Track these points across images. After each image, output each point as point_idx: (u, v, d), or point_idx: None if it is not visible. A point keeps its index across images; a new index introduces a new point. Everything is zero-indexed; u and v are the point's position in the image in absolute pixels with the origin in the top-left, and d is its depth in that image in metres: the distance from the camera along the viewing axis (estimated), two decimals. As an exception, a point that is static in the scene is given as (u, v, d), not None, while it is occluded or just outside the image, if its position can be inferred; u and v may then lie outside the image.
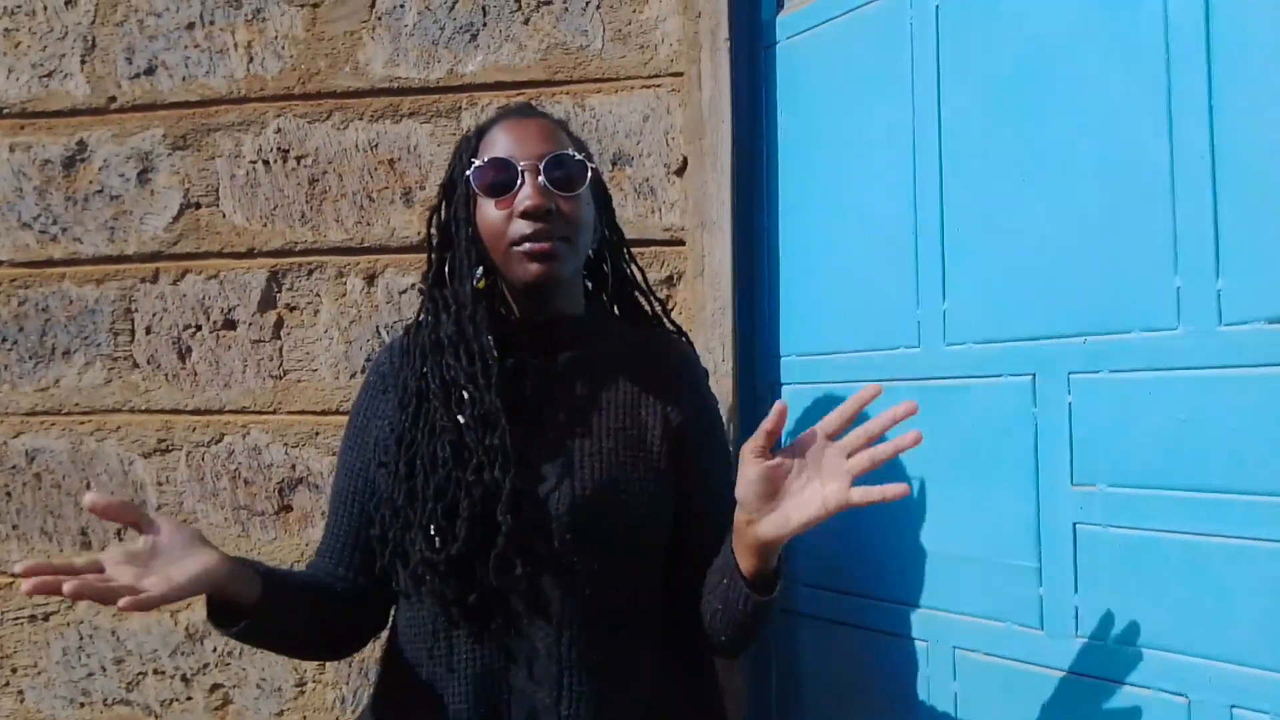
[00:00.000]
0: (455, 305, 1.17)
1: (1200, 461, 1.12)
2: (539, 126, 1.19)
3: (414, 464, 1.14)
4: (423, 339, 1.19)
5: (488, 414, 1.12)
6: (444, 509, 1.11)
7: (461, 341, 1.15)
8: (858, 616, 1.49)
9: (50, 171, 1.93)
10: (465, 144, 1.22)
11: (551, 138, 1.18)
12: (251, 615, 1.05)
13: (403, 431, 1.16)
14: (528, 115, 1.22)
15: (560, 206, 1.15)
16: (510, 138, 1.17)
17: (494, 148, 1.17)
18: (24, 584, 0.86)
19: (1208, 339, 1.12)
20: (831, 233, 1.56)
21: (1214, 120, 1.12)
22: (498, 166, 1.15)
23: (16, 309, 1.93)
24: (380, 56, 1.82)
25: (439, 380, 1.15)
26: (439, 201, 1.24)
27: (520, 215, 1.13)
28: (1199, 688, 1.11)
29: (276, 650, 1.25)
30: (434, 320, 1.19)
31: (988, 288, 1.34)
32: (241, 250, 1.86)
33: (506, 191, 1.15)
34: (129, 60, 1.90)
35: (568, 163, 1.16)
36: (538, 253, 1.13)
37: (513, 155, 1.15)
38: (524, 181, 1.14)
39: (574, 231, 1.17)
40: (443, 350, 1.16)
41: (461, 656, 1.14)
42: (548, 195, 1.14)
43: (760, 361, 1.67)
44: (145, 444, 1.88)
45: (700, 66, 1.67)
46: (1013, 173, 1.31)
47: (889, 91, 1.47)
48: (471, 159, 1.18)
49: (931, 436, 1.39)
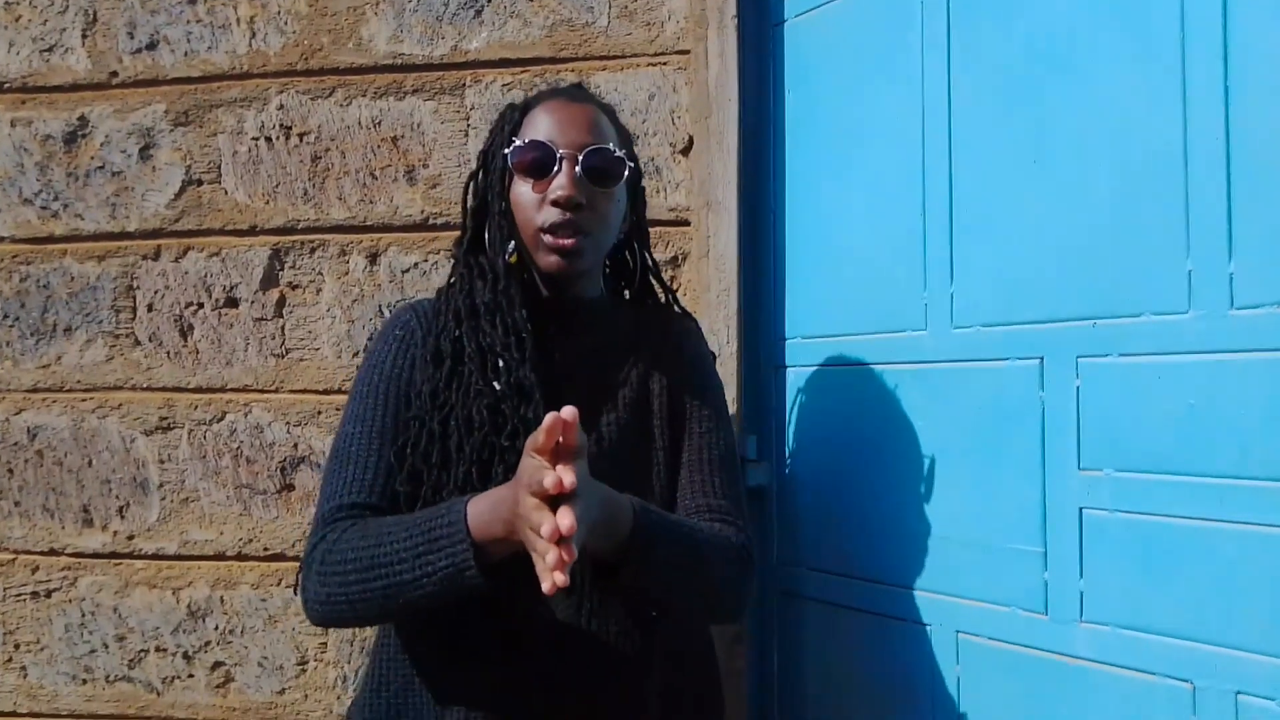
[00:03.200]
0: (493, 274, 1.18)
1: (1209, 447, 1.11)
2: (585, 113, 1.19)
3: (448, 424, 1.13)
4: (456, 303, 1.19)
5: (522, 385, 1.13)
6: (479, 470, 1.11)
7: (498, 310, 1.16)
8: (860, 600, 1.48)
9: (51, 147, 1.91)
10: (509, 116, 1.22)
11: (595, 128, 1.18)
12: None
13: (436, 388, 1.15)
14: (576, 99, 1.22)
15: (591, 200, 1.15)
16: (554, 121, 1.17)
17: (536, 128, 1.17)
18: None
19: (1219, 323, 1.10)
20: (838, 214, 1.54)
21: (1229, 102, 1.10)
22: (537, 149, 1.15)
23: (18, 285, 1.92)
24: (384, 32, 1.80)
25: (475, 345, 1.15)
26: (477, 168, 1.24)
27: (552, 202, 1.14)
28: (1204, 674, 1.10)
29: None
30: (469, 286, 1.19)
31: (996, 270, 1.33)
32: (244, 228, 1.85)
33: (543, 175, 1.15)
34: (130, 35, 1.88)
35: (607, 157, 1.16)
36: (560, 248, 1.15)
37: (554, 140, 1.15)
38: (561, 169, 1.15)
39: (600, 227, 1.18)
40: (478, 316, 1.16)
41: (474, 620, 1.12)
42: (581, 187, 1.14)
43: (765, 344, 1.66)
44: (147, 422, 1.87)
45: (707, 44, 1.65)
46: (1023, 153, 1.30)
47: (899, 71, 1.45)
48: (513, 136, 1.18)
49: (937, 421, 1.39)
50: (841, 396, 1.52)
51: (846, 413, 1.52)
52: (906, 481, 1.41)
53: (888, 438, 1.44)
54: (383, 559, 1.02)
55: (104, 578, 1.89)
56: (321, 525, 1.11)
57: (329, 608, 1.07)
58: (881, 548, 1.45)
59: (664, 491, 1.21)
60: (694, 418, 1.25)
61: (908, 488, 1.41)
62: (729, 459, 1.24)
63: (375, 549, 1.03)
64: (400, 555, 1.01)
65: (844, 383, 1.51)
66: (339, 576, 1.05)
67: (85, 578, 1.90)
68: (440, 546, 1.00)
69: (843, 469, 1.51)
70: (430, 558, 1.00)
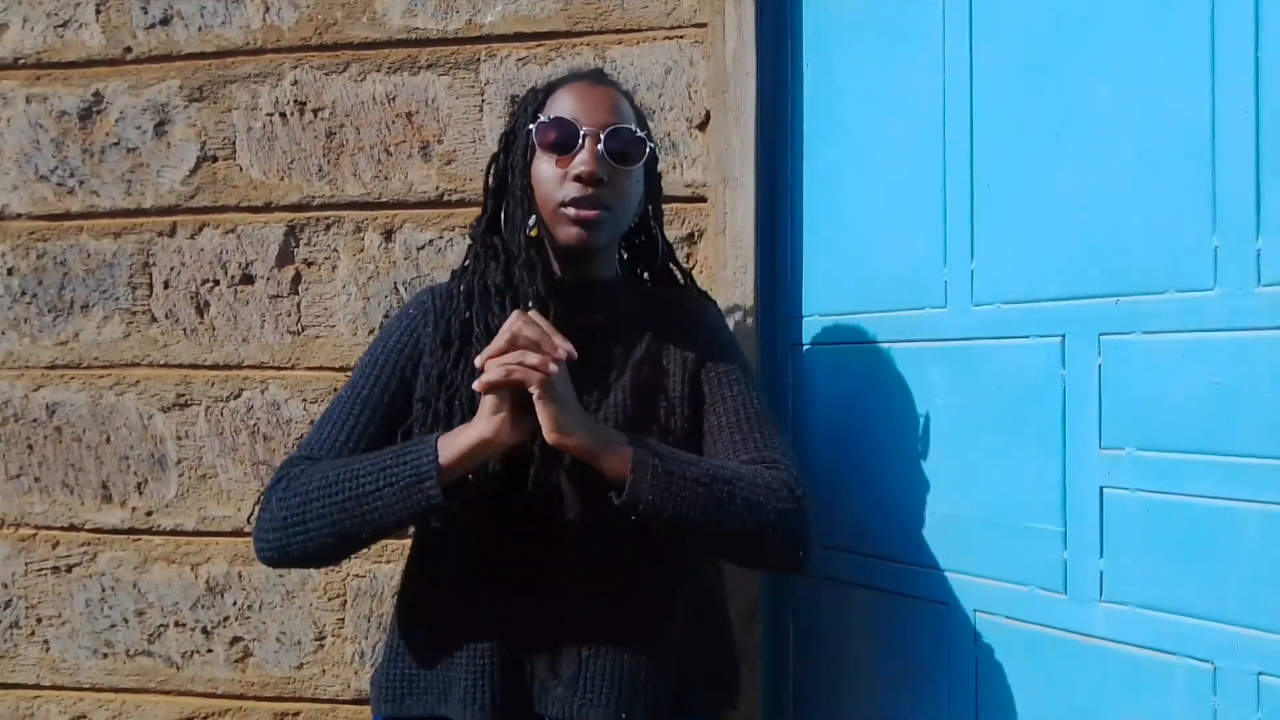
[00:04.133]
0: (505, 255, 1.20)
1: (1233, 426, 1.09)
2: (607, 95, 1.22)
3: (453, 404, 1.16)
4: (470, 284, 1.22)
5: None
6: None
7: (509, 290, 1.18)
8: (877, 579, 1.48)
9: (67, 123, 1.91)
10: (532, 97, 1.25)
11: (616, 110, 1.21)
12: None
13: (444, 370, 1.18)
14: (598, 82, 1.24)
15: (612, 178, 1.18)
16: (577, 101, 1.20)
17: (560, 107, 1.20)
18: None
19: (1245, 300, 1.09)
20: (857, 190, 1.53)
21: (1259, 75, 1.08)
22: (561, 126, 1.18)
23: (35, 262, 1.93)
24: (398, 6, 1.79)
25: (483, 327, 1.18)
26: (498, 150, 1.26)
27: (574, 178, 1.17)
28: (1226, 654, 1.09)
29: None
30: (483, 267, 1.21)
31: (1017, 247, 1.31)
32: (259, 204, 1.84)
33: (566, 152, 1.18)
34: (144, 10, 1.88)
35: (627, 137, 1.19)
36: (582, 219, 1.17)
37: (577, 118, 1.18)
38: (583, 146, 1.17)
39: (619, 203, 1.21)
40: (490, 297, 1.19)
41: (481, 598, 1.16)
42: (603, 164, 1.17)
43: (782, 321, 1.65)
44: (164, 398, 1.88)
45: (724, 17, 1.63)
46: (1046, 128, 1.28)
47: (919, 44, 1.43)
48: (537, 114, 1.22)
49: (958, 398, 1.38)
50: (859, 374, 1.51)
51: (864, 391, 1.50)
52: (924, 460, 1.40)
53: (906, 416, 1.43)
54: (348, 474, 1.08)
55: (123, 553, 1.90)
56: (285, 466, 1.16)
57: (282, 533, 1.10)
58: (898, 526, 1.44)
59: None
60: (722, 384, 1.24)
61: (926, 466, 1.40)
62: (766, 415, 1.23)
63: (344, 468, 1.10)
64: (366, 469, 1.08)
65: (862, 361, 1.50)
66: (299, 496, 1.10)
67: (105, 553, 1.91)
68: (404, 460, 1.06)
69: (860, 447, 1.50)
70: (394, 470, 1.06)
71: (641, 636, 1.17)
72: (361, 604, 1.82)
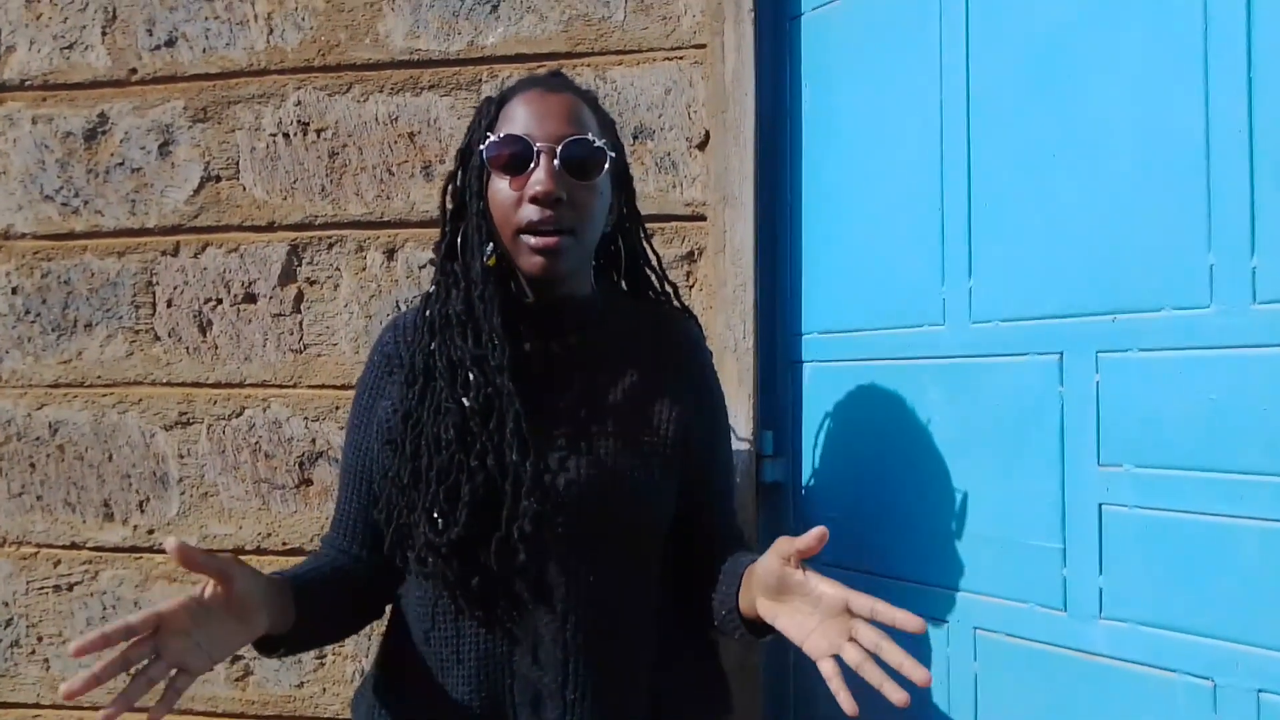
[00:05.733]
0: (465, 282, 1.14)
1: (1230, 443, 1.10)
2: (562, 103, 1.13)
3: (419, 444, 1.12)
4: (433, 314, 1.16)
5: (494, 397, 1.10)
6: (446, 492, 1.09)
7: (470, 321, 1.12)
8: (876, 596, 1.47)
9: (72, 144, 1.93)
10: (485, 111, 1.17)
11: (574, 118, 1.12)
12: (288, 642, 1.10)
13: (409, 410, 1.14)
14: (553, 89, 1.15)
15: (572, 194, 1.10)
16: (530, 113, 1.12)
17: (513, 122, 1.12)
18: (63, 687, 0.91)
19: (1241, 317, 1.09)
20: (856, 208, 1.54)
21: (1253, 93, 1.09)
22: (513, 144, 1.10)
23: (39, 281, 1.94)
24: (401, 28, 1.80)
25: (445, 360, 1.12)
26: (455, 168, 1.19)
27: (530, 199, 1.09)
28: (1225, 671, 1.09)
29: (311, 649, 1.32)
30: (445, 295, 1.15)
31: (1015, 264, 1.32)
32: (262, 224, 1.86)
33: (520, 171, 1.10)
34: (149, 32, 1.90)
35: (586, 148, 1.11)
36: (542, 247, 1.10)
37: (530, 133, 1.10)
38: (538, 164, 1.09)
39: (582, 222, 1.13)
40: (451, 328, 1.13)
41: (466, 641, 1.13)
42: (560, 181, 1.09)
43: (782, 339, 1.66)
44: (167, 417, 1.89)
45: (724, 38, 1.65)
46: (1043, 146, 1.29)
47: (917, 64, 1.44)
48: (488, 132, 1.14)
49: (955, 416, 1.38)
50: (858, 392, 1.51)
51: (863, 408, 1.51)
52: (923, 477, 1.41)
53: (904, 433, 1.44)
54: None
55: (125, 571, 1.90)
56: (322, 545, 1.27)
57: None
58: (898, 543, 1.44)
59: (652, 494, 1.18)
60: (713, 438, 1.28)
61: (924, 483, 1.41)
62: (732, 466, 1.37)
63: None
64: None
65: (861, 378, 1.51)
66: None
67: (106, 571, 1.91)
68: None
69: (859, 465, 1.51)
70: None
71: (625, 680, 1.15)
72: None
